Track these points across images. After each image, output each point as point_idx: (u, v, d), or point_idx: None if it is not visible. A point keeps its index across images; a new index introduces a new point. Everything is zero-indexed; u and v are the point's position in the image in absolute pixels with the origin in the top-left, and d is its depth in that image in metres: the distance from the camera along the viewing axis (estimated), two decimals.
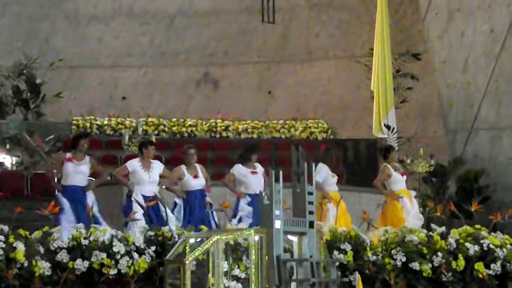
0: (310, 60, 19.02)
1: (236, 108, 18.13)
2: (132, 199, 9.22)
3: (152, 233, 7.65)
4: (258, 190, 9.53)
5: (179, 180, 9.73)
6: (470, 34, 16.07)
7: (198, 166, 9.79)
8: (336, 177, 10.24)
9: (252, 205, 9.62)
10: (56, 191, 9.30)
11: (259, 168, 9.95)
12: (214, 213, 9.70)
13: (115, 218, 9.55)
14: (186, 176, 9.68)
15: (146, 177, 9.41)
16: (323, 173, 9.97)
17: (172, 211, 9.57)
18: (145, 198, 9.31)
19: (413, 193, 10.49)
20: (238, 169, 9.89)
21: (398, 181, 10.21)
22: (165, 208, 9.27)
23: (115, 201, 10.09)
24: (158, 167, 9.60)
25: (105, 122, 16.66)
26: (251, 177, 9.81)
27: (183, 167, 9.76)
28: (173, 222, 8.90)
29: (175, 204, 9.70)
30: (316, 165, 8.89)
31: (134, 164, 9.54)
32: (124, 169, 9.62)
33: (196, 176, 9.68)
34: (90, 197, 9.23)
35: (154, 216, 9.17)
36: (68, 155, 9.40)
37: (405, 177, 10.35)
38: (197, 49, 19.09)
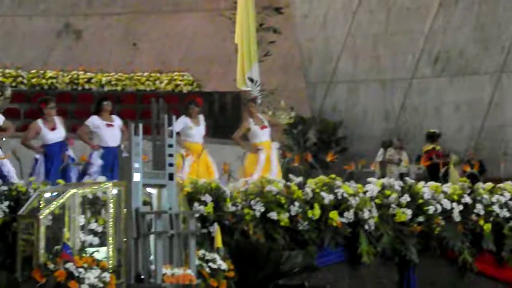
0: (175, 12, 18.84)
1: (99, 60, 17.75)
2: None
3: (5, 188, 7.43)
4: (113, 143, 9.46)
5: (36, 134, 9.49)
6: None
7: (56, 118, 9.56)
8: (196, 129, 10.24)
9: (104, 159, 9.54)
10: None
11: (117, 121, 9.82)
12: (74, 166, 9.56)
13: None
14: (43, 129, 9.44)
15: None
16: (180, 124, 9.95)
17: (34, 168, 9.35)
18: None
19: (276, 145, 10.65)
20: (93, 121, 9.76)
21: (258, 134, 10.39)
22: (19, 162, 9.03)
23: None
24: None
25: None
26: (106, 130, 9.67)
27: (39, 121, 9.50)
28: (14, 178, 8.71)
29: (36, 160, 9.47)
30: (177, 118, 8.92)
31: None
32: None
33: (53, 129, 9.44)
34: None
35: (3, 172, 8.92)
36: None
37: (266, 130, 10.50)
38: None
